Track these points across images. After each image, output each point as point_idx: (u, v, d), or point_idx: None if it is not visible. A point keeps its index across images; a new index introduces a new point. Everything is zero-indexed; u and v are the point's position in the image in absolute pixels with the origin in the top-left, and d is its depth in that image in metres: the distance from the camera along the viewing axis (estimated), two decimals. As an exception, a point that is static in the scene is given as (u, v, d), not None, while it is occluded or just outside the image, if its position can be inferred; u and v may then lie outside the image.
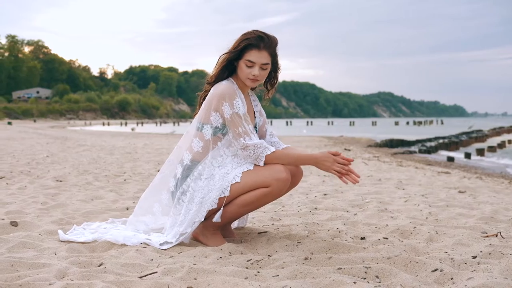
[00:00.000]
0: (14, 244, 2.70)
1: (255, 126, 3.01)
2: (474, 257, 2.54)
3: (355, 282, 2.09)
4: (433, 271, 2.29)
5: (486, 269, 2.32)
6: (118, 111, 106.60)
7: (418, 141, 23.65)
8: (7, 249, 2.64)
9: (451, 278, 2.20)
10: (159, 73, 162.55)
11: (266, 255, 2.61)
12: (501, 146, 21.70)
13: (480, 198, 5.03)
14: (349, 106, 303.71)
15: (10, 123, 47.64)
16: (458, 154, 18.02)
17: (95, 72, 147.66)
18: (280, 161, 2.77)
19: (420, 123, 79.93)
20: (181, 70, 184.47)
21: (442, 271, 2.26)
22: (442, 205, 4.40)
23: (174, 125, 69.12)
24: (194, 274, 2.25)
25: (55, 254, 2.58)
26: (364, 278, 2.24)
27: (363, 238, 3.00)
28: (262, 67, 2.82)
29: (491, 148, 19.91)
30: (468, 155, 16.04)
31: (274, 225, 3.45)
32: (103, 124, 67.73)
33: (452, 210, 4.14)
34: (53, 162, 8.04)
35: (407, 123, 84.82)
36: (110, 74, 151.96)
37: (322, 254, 2.61)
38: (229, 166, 2.81)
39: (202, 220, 2.79)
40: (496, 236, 3.03)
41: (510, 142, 24.14)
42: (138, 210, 3.08)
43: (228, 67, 2.88)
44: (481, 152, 17.53)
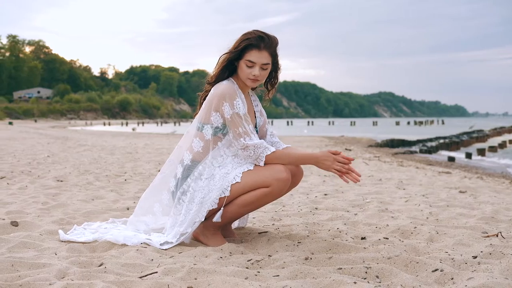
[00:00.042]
0: (15, 244, 2.71)
1: (256, 126, 3.01)
2: (475, 257, 2.54)
3: (356, 282, 2.09)
4: (433, 271, 2.29)
5: (486, 269, 2.32)
6: (119, 111, 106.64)
7: (419, 141, 23.64)
8: (8, 249, 2.64)
9: (452, 278, 2.20)
10: (160, 73, 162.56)
11: (267, 255, 2.61)
12: (502, 146, 21.68)
13: (480, 198, 5.02)
14: (350, 106, 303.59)
15: (11, 123, 47.67)
16: (459, 154, 18.01)
17: (96, 72, 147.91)
18: (280, 161, 2.77)
19: (421, 123, 79.88)
20: (182, 70, 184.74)
21: (442, 271, 2.26)
22: (442, 205, 4.40)
23: (175, 125, 69.12)
24: (194, 274, 2.25)
25: (56, 254, 2.58)
26: (364, 278, 2.24)
27: (364, 238, 3.00)
28: (263, 67, 2.81)
29: (492, 148, 19.89)
30: (469, 155, 16.02)
31: (274, 225, 3.45)
32: (104, 124, 67.76)
33: (452, 210, 4.14)
34: (54, 162, 8.04)
35: (408, 123, 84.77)
36: (111, 74, 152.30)
37: (323, 254, 2.61)
38: (229, 166, 2.81)
39: (203, 220, 2.80)
40: (496, 236, 3.03)
41: (511, 142, 24.09)
42: (138, 210, 3.08)
43: (228, 67, 2.88)
44: (482, 152, 17.52)
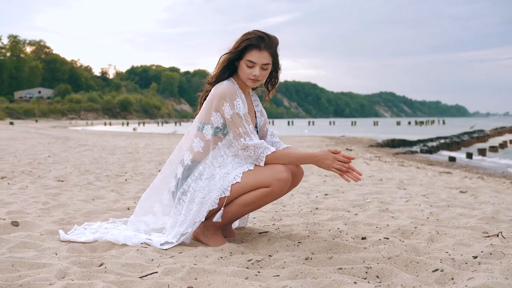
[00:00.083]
0: (15, 244, 2.71)
1: (256, 126, 3.01)
2: (475, 257, 2.54)
3: (356, 282, 2.09)
4: (433, 271, 2.28)
5: (487, 269, 2.32)
6: (119, 111, 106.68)
7: (419, 141, 23.62)
8: (8, 249, 2.64)
9: (452, 278, 2.20)
10: (161, 73, 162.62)
11: (267, 255, 2.61)
12: (502, 146, 21.65)
13: (481, 198, 5.02)
14: (350, 106, 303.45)
15: (12, 123, 47.69)
16: (460, 154, 17.99)
17: (97, 72, 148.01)
18: (280, 161, 2.77)
19: (421, 123, 79.84)
20: (182, 70, 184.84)
21: (442, 271, 2.26)
22: (443, 205, 4.39)
23: (175, 125, 69.12)
24: (194, 274, 2.25)
25: (56, 254, 2.58)
26: (364, 278, 2.24)
27: (364, 238, 3.00)
28: (263, 67, 2.81)
29: (493, 148, 19.87)
30: (469, 155, 16.01)
31: (275, 225, 3.45)
32: (105, 124, 67.80)
33: (453, 210, 4.14)
34: (54, 162, 8.05)
35: (409, 123, 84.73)
36: (111, 74, 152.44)
37: (323, 254, 2.61)
38: (229, 166, 2.81)
39: (203, 220, 2.80)
40: (497, 236, 3.02)
41: (511, 142, 24.08)
42: (138, 210, 3.08)
43: (229, 67, 2.88)
44: (482, 152, 17.50)
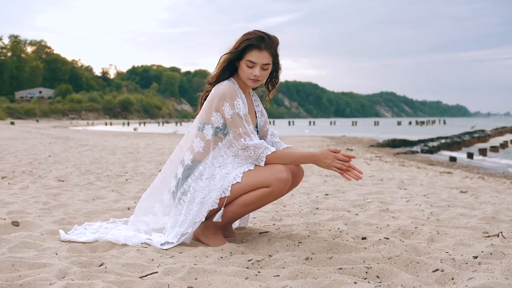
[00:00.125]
0: (15, 244, 2.71)
1: (256, 126, 3.01)
2: (475, 257, 2.54)
3: (356, 282, 2.09)
4: (434, 271, 2.28)
5: (487, 269, 2.32)
6: (120, 111, 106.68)
7: (420, 141, 23.60)
8: (8, 249, 2.65)
9: (452, 278, 2.20)
10: (162, 73, 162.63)
11: (267, 255, 2.61)
12: (503, 146, 21.63)
13: (482, 198, 5.02)
14: (351, 106, 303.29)
15: (12, 123, 47.70)
16: (461, 154, 17.98)
17: (98, 72, 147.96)
18: (280, 161, 2.77)
19: (422, 123, 79.78)
20: (183, 70, 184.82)
21: (443, 271, 2.26)
22: (443, 205, 4.39)
23: (176, 125, 69.14)
24: (194, 274, 2.25)
25: (56, 254, 2.58)
26: (364, 278, 2.24)
27: (364, 238, 3.00)
28: (263, 68, 2.81)
29: (494, 148, 19.86)
30: (470, 155, 16.00)
31: (275, 225, 3.45)
32: (106, 124, 67.82)
33: (453, 210, 4.13)
34: (55, 162, 8.05)
35: (410, 123, 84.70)
36: (112, 74, 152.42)
37: (323, 254, 2.61)
38: (230, 166, 2.81)
39: (203, 220, 2.80)
40: (497, 236, 3.02)
41: (512, 142, 24.06)
42: (139, 210, 3.08)
43: (229, 68, 2.88)
44: (483, 152, 17.48)
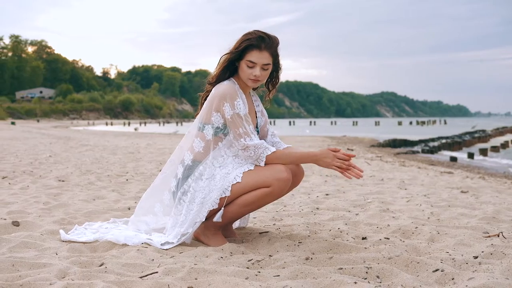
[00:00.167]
0: (16, 244, 2.71)
1: (257, 126, 3.01)
2: (476, 257, 2.54)
3: (356, 282, 2.09)
4: (434, 271, 2.28)
5: (487, 269, 2.32)
6: (121, 111, 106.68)
7: (421, 141, 23.58)
8: (9, 249, 2.65)
9: (452, 278, 2.20)
10: (162, 73, 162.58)
11: (267, 255, 2.61)
12: (504, 146, 21.61)
13: (482, 198, 5.01)
14: (352, 106, 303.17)
15: (13, 123, 47.72)
16: (461, 154, 17.96)
17: (98, 72, 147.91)
18: (280, 161, 2.77)
19: (423, 123, 79.75)
20: (184, 70, 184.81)
21: (443, 271, 2.26)
22: (444, 205, 4.39)
23: (177, 125, 69.13)
24: (195, 274, 2.25)
25: (56, 254, 2.58)
26: (365, 278, 2.24)
27: (365, 238, 2.99)
28: (263, 68, 2.81)
29: (494, 148, 19.84)
30: (471, 155, 15.98)
31: (275, 225, 3.45)
32: (106, 124, 67.83)
33: (454, 210, 4.13)
34: (55, 162, 8.06)
35: (410, 123, 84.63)
36: (113, 74, 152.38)
37: (323, 254, 2.61)
38: (230, 166, 2.81)
39: (203, 220, 2.80)
40: (497, 236, 3.02)
41: (513, 142, 24.04)
42: (139, 210, 3.09)
43: (229, 68, 2.88)
44: (484, 152, 17.47)
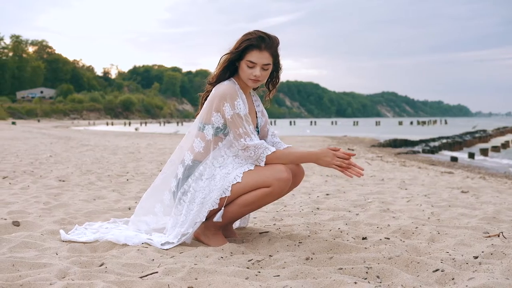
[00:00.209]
0: (16, 244, 2.71)
1: (257, 126, 3.01)
2: (476, 257, 2.54)
3: (356, 282, 2.09)
4: (434, 271, 2.28)
5: (487, 269, 2.32)
6: (121, 111, 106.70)
7: (421, 141, 23.58)
8: (9, 249, 2.65)
9: (452, 279, 2.20)
10: (163, 73, 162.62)
11: (267, 255, 2.61)
12: (505, 146, 21.61)
13: (483, 198, 5.01)
14: (352, 106, 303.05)
15: (14, 123, 47.76)
16: (462, 154, 17.96)
17: (99, 72, 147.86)
18: (280, 161, 2.77)
19: (424, 123, 79.73)
20: (184, 70, 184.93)
21: (443, 271, 2.26)
22: (444, 205, 4.39)
23: (177, 125, 69.12)
24: (195, 274, 2.25)
25: (57, 254, 2.58)
26: (365, 278, 2.24)
27: (365, 238, 2.99)
28: (264, 68, 2.81)
29: (495, 148, 19.84)
30: (471, 155, 15.98)
31: (275, 225, 3.45)
32: (107, 124, 67.87)
33: (454, 210, 4.13)
34: (56, 162, 8.06)
35: (411, 123, 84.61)
36: (114, 74, 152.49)
37: (323, 254, 2.61)
38: (230, 166, 2.81)
39: (204, 220, 2.80)
40: (498, 236, 3.02)
41: (514, 142, 24.02)
42: (139, 210, 3.09)
43: (229, 68, 2.88)
44: (484, 152, 17.46)
